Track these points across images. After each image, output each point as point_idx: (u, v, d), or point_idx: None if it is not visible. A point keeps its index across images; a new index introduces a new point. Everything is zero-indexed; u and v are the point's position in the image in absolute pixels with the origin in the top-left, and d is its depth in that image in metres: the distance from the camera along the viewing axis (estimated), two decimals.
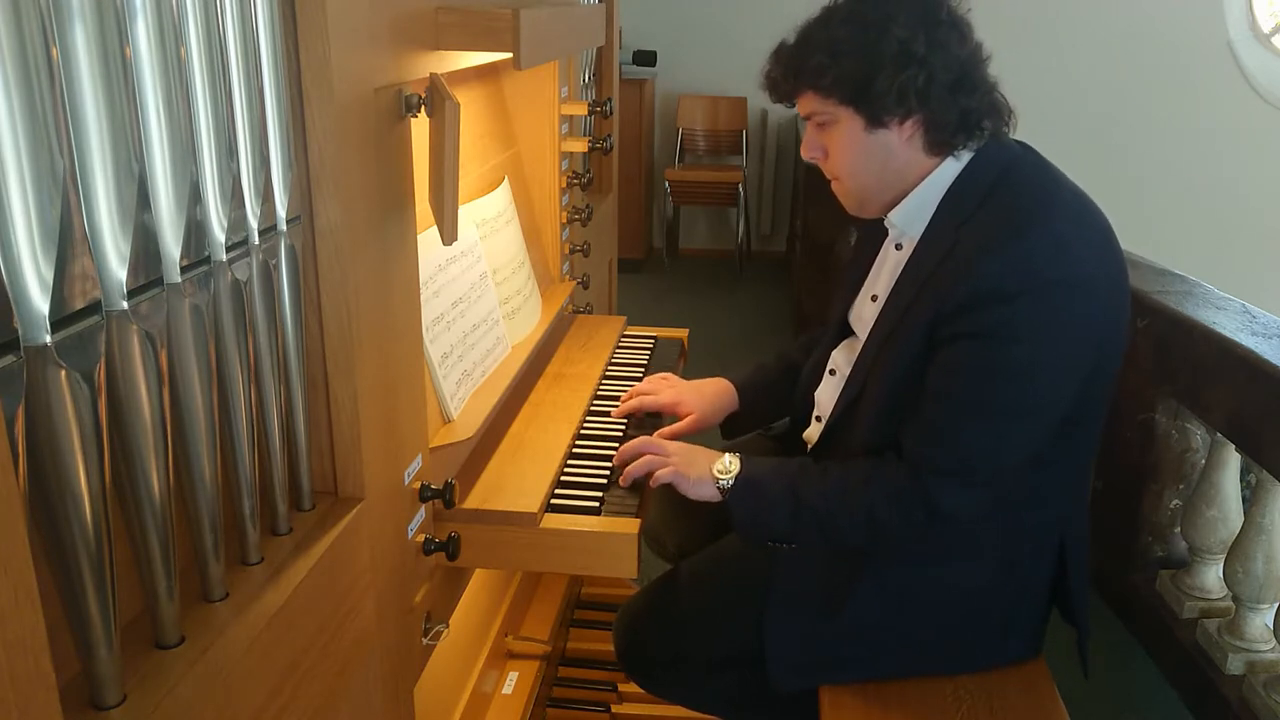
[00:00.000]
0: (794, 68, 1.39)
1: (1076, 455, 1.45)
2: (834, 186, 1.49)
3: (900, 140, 1.37)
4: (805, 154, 1.47)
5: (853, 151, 1.40)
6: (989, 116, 1.37)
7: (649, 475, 1.49)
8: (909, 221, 1.42)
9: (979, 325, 1.28)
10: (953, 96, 1.33)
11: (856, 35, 1.33)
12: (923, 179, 1.40)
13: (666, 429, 1.67)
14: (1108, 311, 1.34)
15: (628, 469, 1.51)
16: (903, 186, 1.41)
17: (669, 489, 1.49)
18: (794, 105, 1.45)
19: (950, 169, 1.39)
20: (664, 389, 1.75)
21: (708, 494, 1.47)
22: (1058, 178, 1.39)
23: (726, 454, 1.49)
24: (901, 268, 1.43)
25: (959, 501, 1.35)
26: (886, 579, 1.46)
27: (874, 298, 1.50)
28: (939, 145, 1.37)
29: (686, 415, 1.70)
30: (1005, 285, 1.26)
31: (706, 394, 1.75)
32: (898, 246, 1.48)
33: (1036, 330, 1.27)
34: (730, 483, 1.45)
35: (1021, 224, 1.29)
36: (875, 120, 1.35)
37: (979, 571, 1.46)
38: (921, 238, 1.41)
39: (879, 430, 1.41)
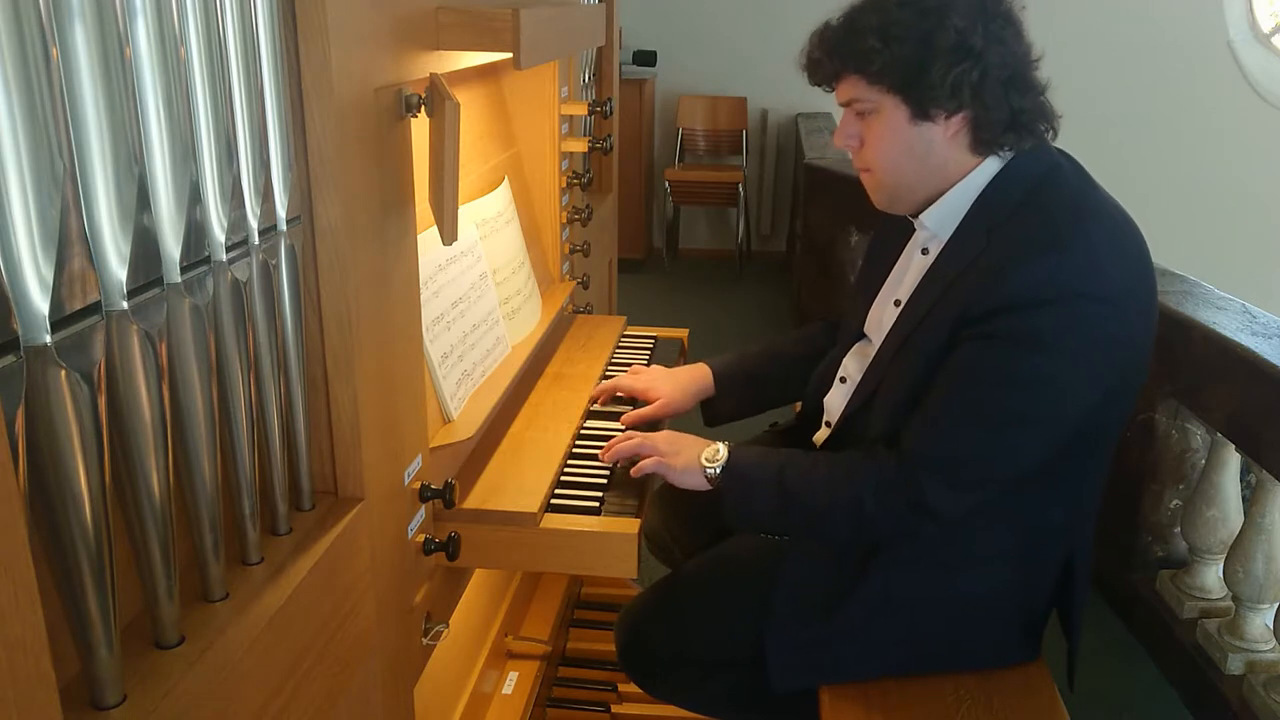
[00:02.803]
0: (841, 50, 1.33)
1: (1089, 472, 1.42)
2: (864, 178, 1.43)
3: (945, 136, 1.32)
4: (839, 142, 1.41)
5: (893, 143, 1.34)
6: (1038, 118, 1.33)
7: (639, 462, 1.50)
8: (941, 223, 1.38)
9: (1001, 330, 1.25)
10: (1005, 94, 1.29)
11: (912, 21, 1.27)
12: (961, 178, 1.35)
13: (633, 412, 1.69)
14: (1135, 333, 1.31)
15: (615, 447, 1.51)
16: (939, 185, 1.36)
17: (673, 496, 1.48)
18: (833, 89, 1.39)
19: (988, 169, 1.34)
20: (639, 374, 1.76)
21: (695, 483, 1.46)
22: (1098, 191, 1.35)
23: (717, 443, 1.48)
24: (926, 271, 1.40)
25: (944, 500, 1.31)
26: (891, 585, 1.45)
27: (897, 302, 1.46)
28: (984, 144, 1.33)
29: (655, 400, 1.71)
30: (1035, 294, 1.23)
31: (680, 380, 1.74)
32: (924, 251, 1.44)
33: (1059, 343, 1.24)
34: (718, 470, 1.44)
35: (1058, 235, 1.25)
36: (922, 112, 1.30)
37: (985, 582, 1.45)
38: (950, 240, 1.37)
39: (891, 432, 1.38)
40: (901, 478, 1.32)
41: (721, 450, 1.45)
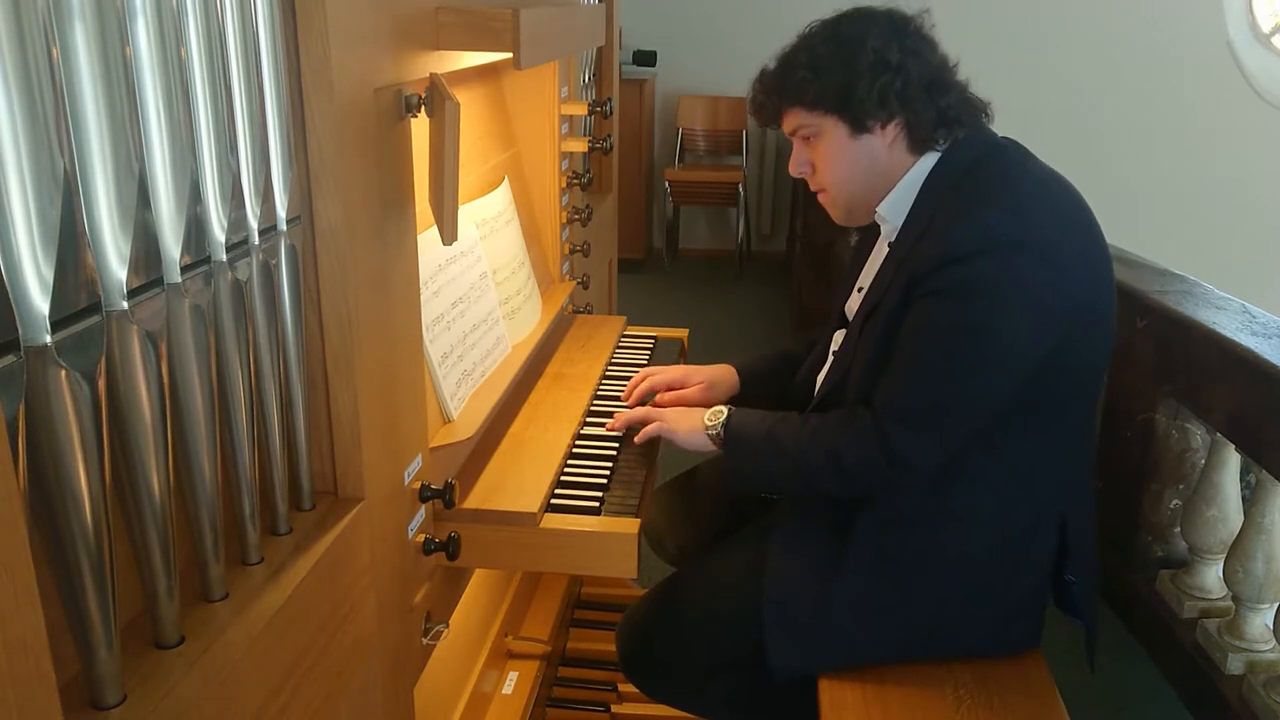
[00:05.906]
0: (779, 88, 1.49)
1: (1067, 430, 1.47)
2: (821, 198, 1.57)
3: (884, 143, 1.45)
4: (793, 170, 1.55)
5: (839, 159, 1.48)
6: (965, 112, 1.47)
7: (645, 434, 1.59)
8: (894, 211, 1.49)
9: (943, 284, 1.35)
10: (929, 96, 1.43)
11: (835, 50, 1.43)
12: (905, 175, 1.47)
13: (673, 394, 1.74)
14: (1070, 281, 1.37)
15: (623, 415, 1.63)
16: (888, 187, 1.48)
17: (672, 494, 1.51)
18: (779, 126, 1.53)
19: (929, 160, 1.47)
20: (669, 367, 1.82)
21: (699, 443, 1.57)
22: (1035, 162, 1.46)
23: (715, 406, 1.58)
24: (884, 257, 1.50)
25: (913, 447, 1.40)
26: (882, 546, 1.48)
27: (860, 289, 1.58)
28: (920, 143, 1.46)
29: (695, 385, 1.76)
30: (968, 248, 1.34)
31: (715, 369, 1.81)
32: (889, 245, 1.53)
33: (994, 289, 1.34)
34: (720, 430, 1.54)
35: (989, 195, 1.38)
36: (859, 126, 1.44)
37: (973, 540, 1.47)
38: (901, 228, 1.47)
39: (865, 394, 1.46)
40: (873, 428, 1.42)
41: (723, 412, 1.56)
